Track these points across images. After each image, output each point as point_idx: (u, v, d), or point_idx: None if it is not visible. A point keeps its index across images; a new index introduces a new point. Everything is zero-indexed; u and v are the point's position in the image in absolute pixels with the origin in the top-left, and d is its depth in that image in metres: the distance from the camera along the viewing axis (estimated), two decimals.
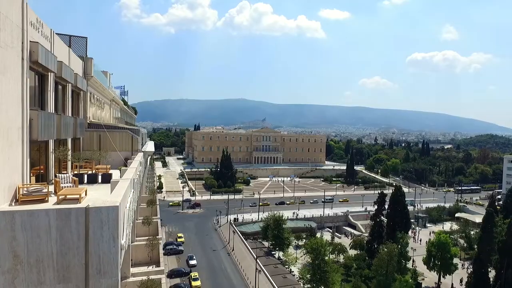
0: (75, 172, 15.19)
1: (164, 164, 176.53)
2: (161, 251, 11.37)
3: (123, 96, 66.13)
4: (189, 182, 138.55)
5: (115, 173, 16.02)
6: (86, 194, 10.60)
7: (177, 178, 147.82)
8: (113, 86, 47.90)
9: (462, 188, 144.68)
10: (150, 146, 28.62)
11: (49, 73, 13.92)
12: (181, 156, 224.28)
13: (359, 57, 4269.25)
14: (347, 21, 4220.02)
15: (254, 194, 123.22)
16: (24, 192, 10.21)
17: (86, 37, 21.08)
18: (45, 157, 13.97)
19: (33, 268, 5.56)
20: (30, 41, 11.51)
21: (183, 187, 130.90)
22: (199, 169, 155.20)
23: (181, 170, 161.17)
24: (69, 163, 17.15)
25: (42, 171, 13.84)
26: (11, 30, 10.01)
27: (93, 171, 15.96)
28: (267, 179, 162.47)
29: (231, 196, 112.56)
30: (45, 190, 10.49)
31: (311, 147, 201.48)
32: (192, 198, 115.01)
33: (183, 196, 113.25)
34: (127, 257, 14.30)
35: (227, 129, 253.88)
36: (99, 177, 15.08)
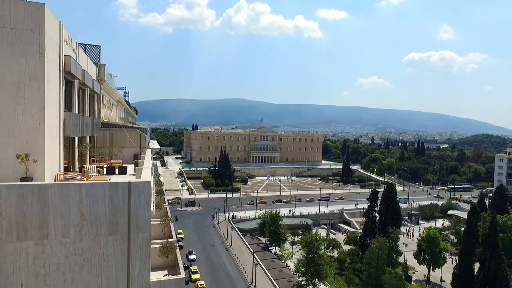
0: (96, 165, 17.60)
1: (163, 164, 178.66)
2: (179, 256, 12.65)
3: (125, 97, 68.42)
4: (187, 181, 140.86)
5: (129, 167, 18.43)
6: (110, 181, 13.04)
7: (176, 177, 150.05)
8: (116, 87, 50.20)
9: (455, 186, 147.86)
10: (155, 144, 31.03)
11: (75, 80, 16.33)
12: (179, 156, 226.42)
13: (357, 57, 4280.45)
14: (344, 21, 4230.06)
15: (251, 192, 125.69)
16: (62, 178, 12.69)
17: (100, 46, 23.45)
18: (71, 152, 16.39)
19: (93, 223, 7.96)
20: (64, 55, 13.92)
21: (182, 186, 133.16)
22: (198, 168, 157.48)
23: (179, 169, 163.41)
24: (88, 157, 19.56)
25: (67, 163, 16.25)
26: (53, 47, 12.45)
27: (108, 165, 18.38)
28: (265, 178, 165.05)
29: (229, 195, 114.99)
30: (79, 177, 12.98)
31: (308, 146, 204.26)
32: (191, 197, 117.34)
33: (182, 194, 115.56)
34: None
35: (225, 129, 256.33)
36: (116, 170, 17.48)
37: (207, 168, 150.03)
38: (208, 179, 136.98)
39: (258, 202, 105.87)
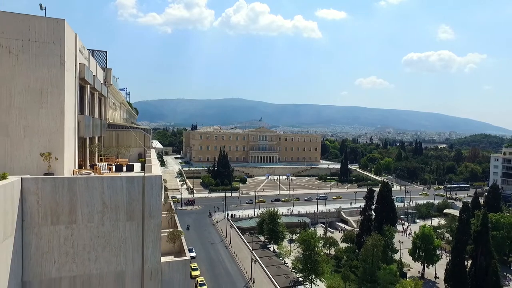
0: (106, 163, 19.02)
1: (162, 163, 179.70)
2: (184, 242, 13.91)
3: (126, 98, 69.66)
4: (187, 180, 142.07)
5: (136, 165, 19.85)
6: None
7: (175, 177, 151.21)
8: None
9: (452, 186, 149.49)
10: (157, 144, 32.42)
11: (87, 85, 17.77)
12: (178, 156, 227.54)
13: (356, 57, 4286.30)
14: (343, 21, 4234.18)
15: (250, 192, 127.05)
16: (78, 175, 14.12)
17: (106, 51, 24.86)
18: (83, 151, 17.82)
19: (113, 210, 9.39)
20: (79, 63, 15.36)
21: (181, 186, 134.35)
22: (197, 168, 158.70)
23: (179, 169, 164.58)
24: (96, 156, 20.99)
25: (80, 161, 17.67)
26: (70, 57, 13.89)
27: (115, 163, 19.80)
28: (263, 177, 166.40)
29: (228, 194, 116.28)
30: (93, 174, 14.43)
31: (307, 146, 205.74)
32: (190, 196, 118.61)
33: (181, 194, 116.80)
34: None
35: (224, 129, 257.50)
36: (124, 167, 18.91)
37: (206, 168, 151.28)
38: (207, 179, 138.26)
39: (256, 201, 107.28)
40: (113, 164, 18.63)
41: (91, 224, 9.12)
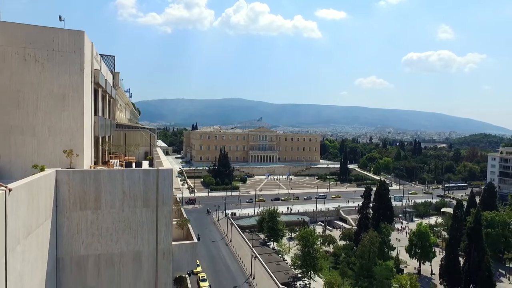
0: (118, 160, 20.58)
1: None
2: (191, 228, 15.53)
3: (129, 99, 71.23)
4: (188, 180, 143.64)
5: (144, 163, 21.41)
6: None
7: (176, 176, 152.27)
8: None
9: (450, 185, 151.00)
10: (162, 143, 34.02)
11: (100, 89, 19.34)
12: (179, 155, 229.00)
13: (355, 57, 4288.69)
14: (343, 21, 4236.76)
15: (250, 191, 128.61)
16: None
17: (114, 56, 26.43)
18: (97, 149, 19.40)
19: (132, 198, 10.93)
20: (94, 69, 16.93)
21: (182, 185, 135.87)
22: (197, 168, 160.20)
23: (180, 168, 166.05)
24: (107, 154, 22.55)
25: (94, 158, 19.22)
26: (88, 64, 15.46)
27: (125, 161, 21.36)
28: (263, 177, 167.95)
29: (229, 193, 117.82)
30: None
31: (306, 146, 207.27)
32: (191, 195, 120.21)
33: (182, 193, 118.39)
34: None
35: (224, 129, 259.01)
36: (133, 164, 20.46)
37: (207, 168, 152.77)
38: (208, 178, 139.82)
39: (256, 200, 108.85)
40: (123, 162, 20.21)
41: (113, 210, 10.67)
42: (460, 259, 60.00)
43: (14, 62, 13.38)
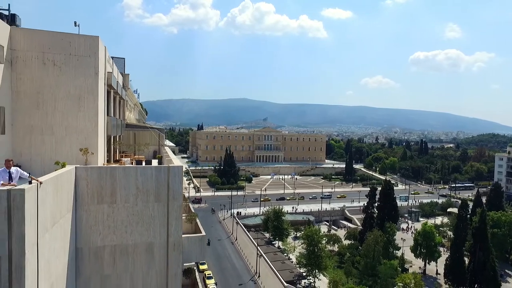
0: (129, 158, 21.46)
1: None
2: (199, 223, 16.33)
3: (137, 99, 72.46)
4: (193, 179, 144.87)
5: (153, 161, 22.26)
6: None
7: (182, 176, 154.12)
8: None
9: (457, 185, 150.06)
10: (169, 143, 34.97)
11: (112, 90, 20.22)
12: (185, 155, 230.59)
13: (361, 56, 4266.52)
14: (349, 20, 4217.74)
15: (256, 190, 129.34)
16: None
17: (124, 58, 27.35)
18: (109, 147, 20.28)
19: (144, 193, 11.72)
20: (107, 72, 17.79)
21: (188, 184, 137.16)
22: (203, 167, 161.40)
23: (186, 168, 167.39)
24: (117, 152, 23.45)
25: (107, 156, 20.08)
26: (102, 67, 16.32)
27: (134, 159, 22.22)
28: (269, 177, 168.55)
29: (234, 193, 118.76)
30: None
31: (312, 146, 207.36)
32: (197, 195, 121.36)
33: (189, 192, 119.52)
34: None
35: (230, 129, 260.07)
36: (143, 162, 21.31)
37: (212, 167, 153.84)
38: (213, 178, 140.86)
39: (262, 199, 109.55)
40: (134, 160, 21.07)
41: (128, 204, 11.48)
42: (466, 259, 60.20)
43: (34, 66, 14.27)
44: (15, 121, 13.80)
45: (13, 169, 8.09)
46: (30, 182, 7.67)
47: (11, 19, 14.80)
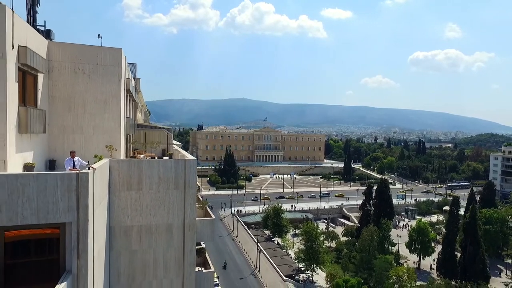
0: (144, 155, 23.78)
1: None
2: (209, 209, 18.77)
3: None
4: None
5: (165, 158, 24.58)
6: None
7: None
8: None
9: (453, 184, 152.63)
10: (176, 142, 37.27)
11: (128, 94, 22.56)
12: None
13: (361, 56, 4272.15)
14: (349, 20, 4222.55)
15: (255, 189, 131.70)
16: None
17: (135, 63, 29.66)
18: (126, 145, 22.61)
19: (165, 182, 14.02)
20: (126, 78, 20.13)
21: None
22: (203, 167, 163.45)
23: None
24: (131, 150, 25.78)
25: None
26: (123, 75, 18.64)
27: (148, 156, 24.53)
28: (268, 176, 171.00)
29: (234, 192, 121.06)
30: None
31: (311, 146, 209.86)
32: (198, 193, 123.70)
33: None
34: None
35: (230, 129, 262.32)
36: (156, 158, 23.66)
37: (213, 167, 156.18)
38: (214, 177, 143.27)
39: (261, 198, 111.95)
40: (148, 157, 23.41)
41: (151, 191, 13.82)
42: (458, 254, 62.62)
43: (67, 74, 16.63)
44: (51, 122, 16.15)
45: (76, 158, 10.88)
46: (89, 168, 10.07)
47: (47, 34, 17.20)
